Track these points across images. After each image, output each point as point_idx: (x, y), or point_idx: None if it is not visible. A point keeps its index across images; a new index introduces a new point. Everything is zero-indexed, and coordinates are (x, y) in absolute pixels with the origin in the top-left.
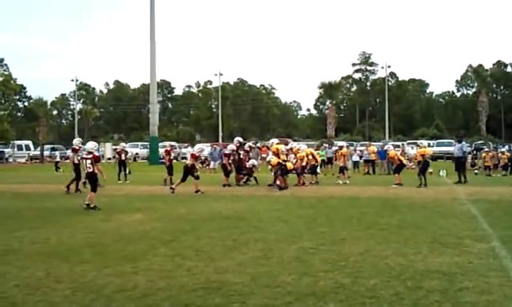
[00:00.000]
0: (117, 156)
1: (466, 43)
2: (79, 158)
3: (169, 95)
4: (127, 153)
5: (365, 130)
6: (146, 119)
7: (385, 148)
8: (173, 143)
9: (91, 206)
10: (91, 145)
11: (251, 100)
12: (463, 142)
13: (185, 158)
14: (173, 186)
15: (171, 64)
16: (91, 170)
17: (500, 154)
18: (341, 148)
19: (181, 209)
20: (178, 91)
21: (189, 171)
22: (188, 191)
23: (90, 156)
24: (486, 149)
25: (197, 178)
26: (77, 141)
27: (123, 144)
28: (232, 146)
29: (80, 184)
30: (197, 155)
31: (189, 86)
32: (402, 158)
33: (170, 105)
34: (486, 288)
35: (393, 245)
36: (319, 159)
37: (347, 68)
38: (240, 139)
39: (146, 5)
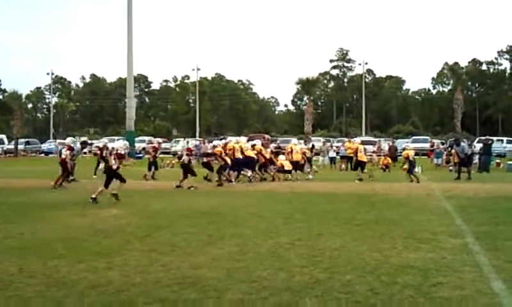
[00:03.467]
0: (99, 152)
1: (442, 41)
2: (71, 155)
3: (146, 89)
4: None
5: (342, 126)
6: (122, 113)
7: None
8: (159, 140)
9: (116, 194)
10: (120, 143)
11: (229, 95)
12: (462, 144)
13: (164, 153)
14: (179, 184)
15: (148, 58)
16: (115, 166)
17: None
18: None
19: (157, 204)
20: (156, 86)
21: (186, 167)
22: (167, 186)
23: (114, 152)
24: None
25: (193, 174)
26: (70, 140)
27: (105, 139)
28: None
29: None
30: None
31: (166, 81)
32: (360, 155)
33: (147, 100)
34: (459, 283)
35: (369, 241)
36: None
37: (324, 64)
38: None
39: None
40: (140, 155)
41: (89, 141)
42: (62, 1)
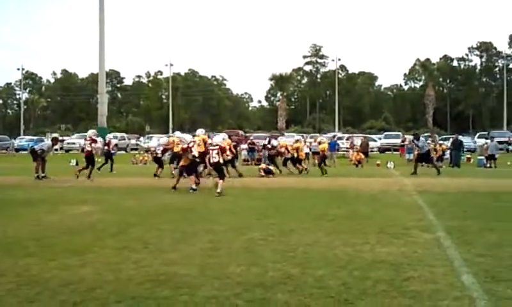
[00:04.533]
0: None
1: (414, 37)
2: (95, 146)
3: (118, 85)
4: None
5: (315, 122)
6: (94, 109)
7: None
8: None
9: (220, 192)
10: (219, 138)
11: (202, 91)
12: (422, 139)
13: (134, 149)
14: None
15: (120, 53)
16: (216, 160)
17: (437, 146)
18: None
19: (130, 201)
20: (128, 81)
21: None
22: (138, 183)
23: (217, 147)
24: (429, 141)
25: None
26: (92, 132)
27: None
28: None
29: (86, 172)
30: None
31: (139, 76)
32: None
33: (119, 95)
34: (430, 277)
35: (341, 236)
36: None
37: (298, 60)
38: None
39: None
40: (113, 151)
41: (61, 138)
42: None
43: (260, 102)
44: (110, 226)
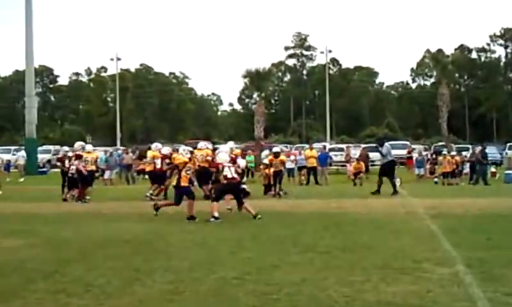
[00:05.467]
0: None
1: (423, 24)
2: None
3: (51, 85)
4: None
5: (301, 130)
6: (21, 116)
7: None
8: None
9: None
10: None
11: (159, 92)
12: (386, 146)
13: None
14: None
15: (53, 45)
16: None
17: (449, 158)
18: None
19: (67, 232)
20: (64, 81)
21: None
22: (78, 209)
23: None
24: (444, 153)
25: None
26: (78, 146)
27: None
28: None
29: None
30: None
31: (77, 74)
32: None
33: (53, 98)
34: None
35: (336, 273)
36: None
37: (278, 53)
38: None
39: None
40: (44, 169)
41: None
42: None
43: (231, 104)
44: (43, 264)
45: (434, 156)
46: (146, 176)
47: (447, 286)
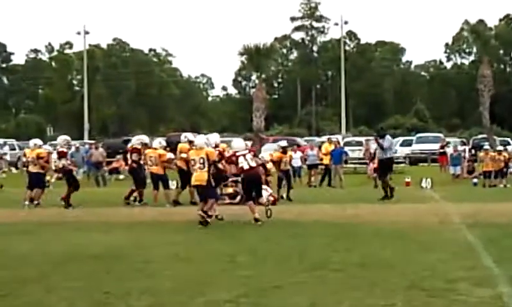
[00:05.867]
0: None
1: None
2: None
3: (3, 65)
4: None
5: (311, 119)
6: None
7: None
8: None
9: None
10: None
11: (136, 73)
12: (388, 138)
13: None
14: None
15: (6, 17)
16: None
17: (492, 154)
18: None
19: (23, 245)
20: (19, 59)
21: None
22: (37, 216)
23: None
24: (486, 148)
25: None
26: (62, 141)
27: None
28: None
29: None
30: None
31: (35, 51)
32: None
33: (6, 81)
34: None
35: (352, 294)
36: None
37: (283, 25)
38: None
39: None
40: None
41: None
42: None
43: (225, 89)
44: None
45: (473, 151)
46: (121, 177)
47: None
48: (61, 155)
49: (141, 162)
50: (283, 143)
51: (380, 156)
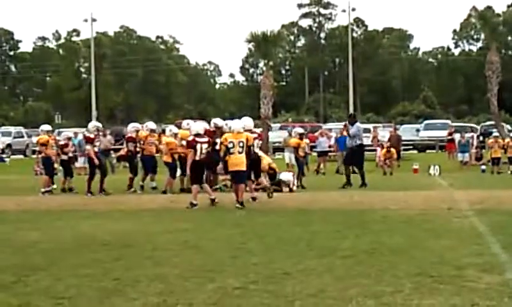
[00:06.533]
0: None
1: None
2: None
3: (11, 53)
4: None
5: (318, 107)
6: None
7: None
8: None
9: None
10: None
11: (143, 61)
12: (358, 125)
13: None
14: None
15: (14, 4)
16: None
17: (500, 141)
18: None
19: (32, 233)
20: (27, 47)
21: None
22: (46, 204)
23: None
24: (495, 135)
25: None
26: (93, 128)
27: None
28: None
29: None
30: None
31: (43, 39)
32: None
33: (13, 69)
34: None
35: (360, 281)
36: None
37: (290, 12)
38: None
39: None
40: (3, 155)
41: None
42: None
43: (232, 76)
44: (1, 272)
45: (481, 138)
46: (127, 165)
47: (496, 298)
48: (89, 141)
49: (137, 149)
50: (301, 130)
51: (349, 144)
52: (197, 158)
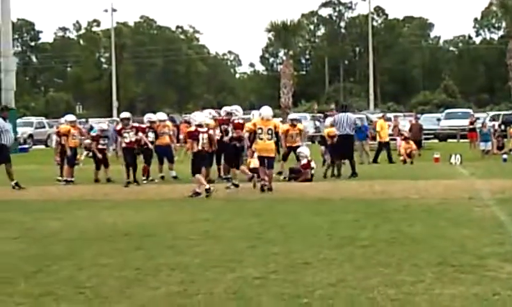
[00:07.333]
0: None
1: None
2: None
3: (32, 44)
4: None
5: (338, 96)
6: None
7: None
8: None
9: None
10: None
11: (163, 51)
12: (349, 115)
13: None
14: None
15: None
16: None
17: None
18: None
19: (53, 222)
20: (48, 38)
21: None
22: (66, 194)
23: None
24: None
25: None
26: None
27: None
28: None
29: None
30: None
31: (64, 29)
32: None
33: (34, 59)
34: None
35: (381, 271)
36: None
37: (310, 1)
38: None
39: None
40: (26, 146)
41: None
42: None
43: (252, 65)
44: (23, 262)
45: (503, 127)
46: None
47: None
48: (120, 133)
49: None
50: (293, 116)
51: (339, 132)
52: (200, 148)
